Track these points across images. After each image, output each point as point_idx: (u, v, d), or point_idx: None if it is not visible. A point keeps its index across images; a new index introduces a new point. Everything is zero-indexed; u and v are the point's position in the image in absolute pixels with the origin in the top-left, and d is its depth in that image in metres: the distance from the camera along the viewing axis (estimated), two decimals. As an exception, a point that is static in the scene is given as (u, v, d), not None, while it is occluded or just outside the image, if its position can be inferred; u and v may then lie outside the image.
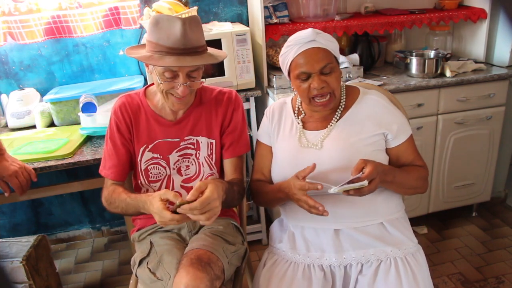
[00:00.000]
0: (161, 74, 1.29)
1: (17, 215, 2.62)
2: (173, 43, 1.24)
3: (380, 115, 1.37)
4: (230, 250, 1.39)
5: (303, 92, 1.34)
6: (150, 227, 1.50)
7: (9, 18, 2.15)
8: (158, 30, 1.26)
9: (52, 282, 1.97)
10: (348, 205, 1.33)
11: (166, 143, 1.44)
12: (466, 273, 2.22)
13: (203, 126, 1.46)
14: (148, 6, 2.24)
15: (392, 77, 2.35)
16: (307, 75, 1.31)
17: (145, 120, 1.44)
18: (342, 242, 1.34)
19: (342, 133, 1.36)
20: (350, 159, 1.30)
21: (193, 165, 1.47)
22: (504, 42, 2.46)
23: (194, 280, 1.20)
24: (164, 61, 1.25)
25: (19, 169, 1.61)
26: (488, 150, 2.48)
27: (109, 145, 1.44)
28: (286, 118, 1.46)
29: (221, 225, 1.47)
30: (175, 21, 1.24)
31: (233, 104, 1.48)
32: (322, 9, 2.40)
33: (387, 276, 1.27)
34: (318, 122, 1.41)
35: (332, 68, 1.31)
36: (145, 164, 1.45)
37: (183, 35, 1.24)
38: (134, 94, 1.47)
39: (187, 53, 1.26)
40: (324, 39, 1.32)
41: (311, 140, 1.38)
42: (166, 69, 1.27)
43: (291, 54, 1.33)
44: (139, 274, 1.40)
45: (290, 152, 1.40)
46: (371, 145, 1.34)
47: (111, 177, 1.43)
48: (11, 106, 2.19)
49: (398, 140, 1.38)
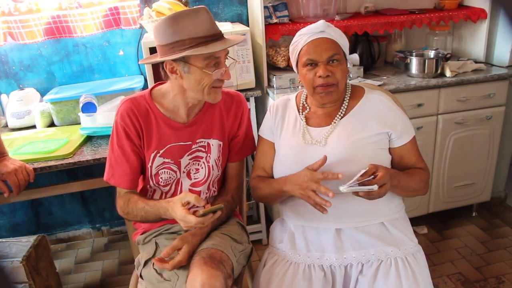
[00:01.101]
0: (206, 67, 1.26)
1: (17, 215, 2.62)
2: (207, 31, 1.24)
3: (385, 114, 1.38)
4: (238, 249, 1.39)
5: (308, 81, 1.35)
6: (155, 230, 1.49)
7: (9, 18, 2.16)
8: (181, 28, 1.22)
9: (52, 282, 1.97)
10: (349, 205, 1.33)
11: (178, 147, 1.40)
12: (466, 273, 2.22)
13: (215, 128, 1.44)
14: (148, 6, 2.24)
15: (392, 77, 2.35)
16: (314, 63, 1.33)
17: (155, 125, 1.37)
18: (343, 242, 1.34)
19: (346, 130, 1.36)
20: (354, 156, 1.31)
21: (203, 168, 1.45)
22: (504, 42, 2.46)
23: (210, 278, 1.19)
24: (213, 47, 1.24)
25: (19, 168, 1.62)
26: (488, 150, 2.48)
27: (117, 152, 1.36)
28: (289, 115, 1.46)
29: (229, 225, 1.48)
30: (197, 12, 1.24)
31: (242, 108, 1.48)
32: (322, 9, 2.40)
33: (387, 276, 1.27)
34: (321, 119, 1.41)
35: (339, 60, 1.33)
36: (156, 169, 1.40)
37: (211, 22, 1.26)
38: (139, 97, 1.38)
39: (219, 38, 1.28)
40: (334, 32, 1.35)
41: (315, 137, 1.38)
42: (210, 59, 1.25)
43: (301, 42, 1.35)
44: (145, 275, 1.38)
45: (294, 149, 1.39)
46: (375, 144, 1.35)
47: (123, 186, 1.39)
48: (11, 106, 2.19)
49: (402, 140, 1.38)
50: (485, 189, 2.58)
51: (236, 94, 1.51)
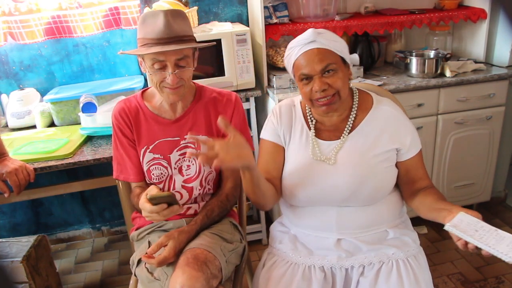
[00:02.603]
0: (151, 67, 1.32)
1: (17, 215, 2.62)
2: (158, 34, 1.29)
3: (395, 128, 1.33)
4: (228, 248, 1.39)
5: (306, 95, 1.30)
6: (149, 226, 1.51)
7: (9, 18, 2.16)
8: (144, 26, 1.31)
9: (52, 282, 1.97)
10: (353, 217, 1.32)
11: (167, 142, 1.45)
12: (466, 273, 2.22)
13: (203, 125, 1.46)
14: (148, 6, 2.24)
15: (392, 77, 2.36)
16: (308, 77, 1.28)
17: (144, 121, 1.46)
18: (344, 249, 1.33)
19: (356, 146, 1.32)
20: (365, 176, 1.28)
21: (194, 165, 1.47)
22: (504, 42, 2.46)
23: (190, 279, 1.21)
24: (149, 50, 1.28)
25: (19, 168, 1.62)
26: (488, 150, 2.48)
27: (119, 150, 1.47)
28: (296, 123, 1.40)
29: (220, 224, 1.48)
30: (158, 14, 1.30)
31: (233, 105, 1.48)
32: (322, 9, 2.40)
33: (388, 278, 1.26)
34: (330, 132, 1.36)
35: (335, 69, 1.27)
36: (147, 165, 1.46)
37: (166, 25, 1.29)
38: (131, 97, 1.50)
39: (171, 42, 1.30)
40: (326, 39, 1.27)
41: (324, 153, 1.33)
42: (154, 60, 1.30)
43: (293, 56, 1.30)
44: (138, 274, 1.40)
45: (302, 164, 1.35)
46: (384, 161, 1.32)
47: (131, 180, 1.49)
48: (11, 106, 2.19)
49: (410, 154, 1.34)
50: (485, 189, 2.58)
51: (227, 93, 1.51)
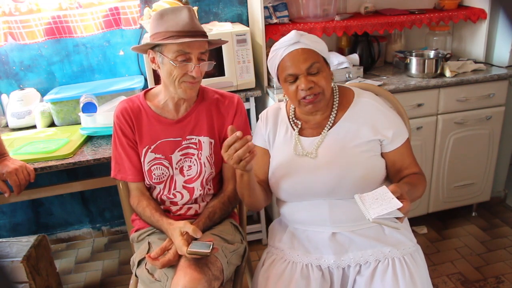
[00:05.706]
0: (174, 59, 1.32)
1: (17, 215, 2.62)
2: (183, 27, 1.30)
3: (376, 120, 1.35)
4: (229, 249, 1.40)
5: (292, 95, 1.32)
6: (149, 228, 1.51)
7: (10, 18, 2.16)
8: (164, 21, 1.31)
9: (52, 282, 1.97)
10: (345, 210, 1.33)
11: (168, 142, 1.45)
12: (466, 273, 2.22)
13: (204, 125, 1.47)
14: (148, 6, 2.24)
15: (392, 77, 2.36)
16: (294, 77, 1.30)
17: (146, 121, 1.46)
18: (340, 244, 1.33)
19: (337, 139, 1.34)
20: (347, 166, 1.30)
21: (195, 165, 1.47)
22: (504, 42, 2.46)
23: (192, 281, 1.21)
24: (178, 40, 1.29)
25: (19, 168, 1.62)
26: (488, 150, 2.48)
27: (119, 149, 1.47)
28: (281, 124, 1.44)
29: (221, 225, 1.48)
30: (181, 9, 1.31)
31: (235, 107, 1.49)
32: (322, 9, 2.40)
33: (384, 276, 1.27)
34: (313, 129, 1.39)
35: (319, 68, 1.29)
36: (148, 165, 1.46)
37: (191, 19, 1.31)
38: (134, 97, 1.50)
39: (196, 35, 1.32)
40: (309, 40, 1.31)
41: (306, 148, 1.36)
42: (180, 52, 1.31)
43: (277, 58, 1.32)
44: (139, 274, 1.40)
45: (284, 160, 1.38)
46: (367, 152, 1.33)
47: (129, 180, 1.49)
48: (12, 106, 2.20)
49: (394, 144, 1.35)
50: (484, 189, 2.58)
51: (230, 95, 1.52)
